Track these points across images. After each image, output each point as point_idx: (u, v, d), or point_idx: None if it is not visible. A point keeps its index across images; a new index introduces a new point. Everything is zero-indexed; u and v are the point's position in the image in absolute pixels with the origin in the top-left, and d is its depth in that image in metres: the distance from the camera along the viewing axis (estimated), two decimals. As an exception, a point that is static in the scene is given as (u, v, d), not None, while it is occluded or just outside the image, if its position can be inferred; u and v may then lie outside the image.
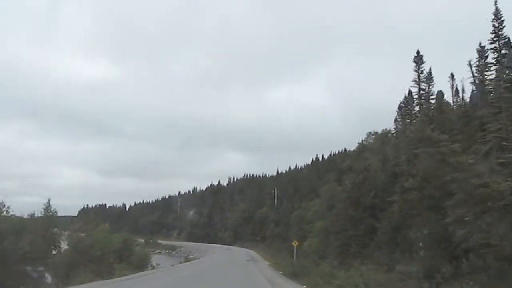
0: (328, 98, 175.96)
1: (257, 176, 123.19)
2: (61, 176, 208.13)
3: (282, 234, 73.29)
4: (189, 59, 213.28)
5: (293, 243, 41.00)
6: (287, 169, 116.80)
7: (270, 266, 42.50)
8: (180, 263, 53.49)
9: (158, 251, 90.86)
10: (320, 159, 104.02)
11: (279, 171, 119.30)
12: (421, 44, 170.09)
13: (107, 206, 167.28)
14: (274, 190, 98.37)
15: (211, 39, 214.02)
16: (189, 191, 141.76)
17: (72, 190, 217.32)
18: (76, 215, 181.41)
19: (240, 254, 64.48)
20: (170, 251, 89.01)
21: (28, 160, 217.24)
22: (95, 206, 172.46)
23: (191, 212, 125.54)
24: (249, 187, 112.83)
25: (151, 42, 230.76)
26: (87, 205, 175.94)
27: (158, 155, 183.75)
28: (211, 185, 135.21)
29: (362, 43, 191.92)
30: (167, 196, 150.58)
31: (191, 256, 72.70)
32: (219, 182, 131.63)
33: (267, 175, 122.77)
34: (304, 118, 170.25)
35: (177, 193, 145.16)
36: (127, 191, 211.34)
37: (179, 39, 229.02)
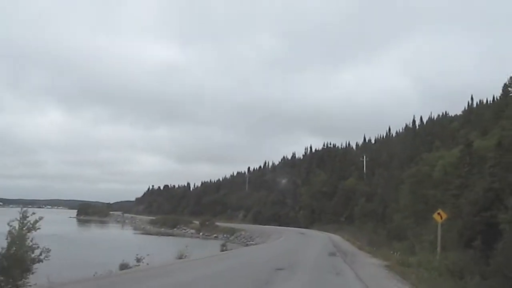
0: (403, 78, 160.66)
1: (339, 147, 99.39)
2: (137, 162, 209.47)
3: (377, 211, 50.76)
4: (259, 40, 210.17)
5: (437, 217, 17.73)
6: (377, 136, 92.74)
7: (389, 269, 18.22)
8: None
9: (214, 235, 72.54)
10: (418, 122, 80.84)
11: (366, 138, 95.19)
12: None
13: (171, 186, 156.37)
14: (363, 157, 75.17)
15: (281, 20, 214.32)
16: (260, 167, 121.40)
17: (147, 177, 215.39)
18: (141, 195, 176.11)
19: (317, 240, 42.73)
20: (229, 236, 69.15)
21: (104, 146, 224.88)
22: (159, 187, 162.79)
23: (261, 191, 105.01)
24: (329, 158, 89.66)
25: (220, 24, 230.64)
26: (152, 186, 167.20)
27: (230, 139, 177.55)
28: (283, 159, 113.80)
29: (439, 20, 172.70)
30: (235, 173, 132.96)
31: (251, 243, 53.99)
32: (293, 154, 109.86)
33: (351, 145, 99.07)
34: (378, 99, 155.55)
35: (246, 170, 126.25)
36: (201, 176, 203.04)
37: (248, 20, 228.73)
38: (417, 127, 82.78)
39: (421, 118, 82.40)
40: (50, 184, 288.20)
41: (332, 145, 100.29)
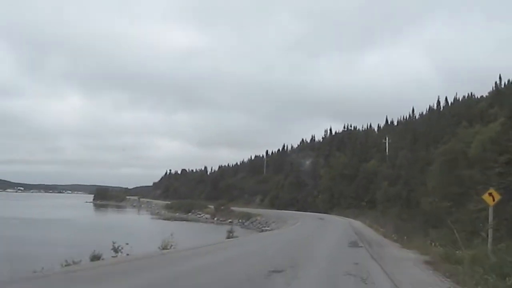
0: (427, 60, 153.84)
1: (360, 130, 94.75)
2: (157, 147, 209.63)
3: (401, 195, 46.94)
4: (280, 24, 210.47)
5: (488, 198, 13.71)
6: (399, 118, 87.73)
7: (433, 268, 12.35)
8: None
9: (229, 220, 69.65)
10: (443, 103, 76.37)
11: (388, 120, 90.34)
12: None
13: (188, 171, 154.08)
14: (385, 139, 70.95)
15: (301, 2, 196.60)
16: (278, 150, 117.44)
17: (168, 161, 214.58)
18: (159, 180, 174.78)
19: (337, 226, 39.03)
20: (244, 221, 66.26)
21: (124, 131, 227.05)
22: (176, 172, 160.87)
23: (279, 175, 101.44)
24: (350, 141, 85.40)
25: (240, 6, 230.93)
26: (170, 170, 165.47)
27: (250, 124, 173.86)
28: (302, 142, 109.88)
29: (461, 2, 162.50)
30: (253, 157, 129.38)
31: (266, 228, 51.10)
32: (312, 137, 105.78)
33: (372, 127, 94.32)
34: (401, 82, 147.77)
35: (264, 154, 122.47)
36: (221, 161, 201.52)
37: (267, 2, 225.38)
38: (442, 108, 78.01)
39: (446, 98, 77.63)
40: (70, 170, 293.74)
41: (352, 128, 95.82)
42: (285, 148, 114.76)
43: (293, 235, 28.20)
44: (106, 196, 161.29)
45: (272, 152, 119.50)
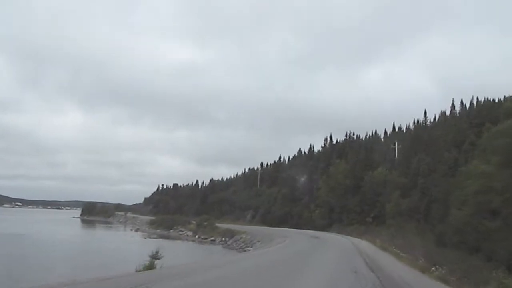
0: (426, 77, 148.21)
1: (363, 138, 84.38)
2: (157, 164, 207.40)
3: (418, 207, 36.86)
4: (279, 40, 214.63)
5: None
6: (408, 124, 77.67)
7: None
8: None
9: (211, 238, 60.21)
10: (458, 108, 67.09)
11: (396, 127, 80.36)
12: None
13: (180, 185, 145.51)
14: (394, 144, 61.16)
15: (300, 19, 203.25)
16: (274, 162, 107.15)
17: (168, 178, 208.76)
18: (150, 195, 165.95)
19: (336, 248, 28.56)
20: (227, 239, 56.28)
21: (125, 148, 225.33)
22: (167, 187, 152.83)
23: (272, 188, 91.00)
24: (352, 150, 75.06)
25: (239, 23, 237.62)
26: (162, 185, 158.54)
27: (250, 141, 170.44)
28: (299, 152, 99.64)
29: (463, 17, 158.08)
30: (246, 170, 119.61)
31: (249, 248, 42.80)
32: (311, 147, 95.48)
33: (378, 133, 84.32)
34: (401, 100, 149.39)
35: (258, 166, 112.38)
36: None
37: (267, 19, 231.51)
38: (457, 113, 68.24)
39: (461, 101, 67.73)
40: (70, 186, 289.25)
41: (355, 136, 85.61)
42: (281, 159, 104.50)
43: (266, 265, 17.87)
44: (93, 212, 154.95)
45: (267, 164, 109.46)
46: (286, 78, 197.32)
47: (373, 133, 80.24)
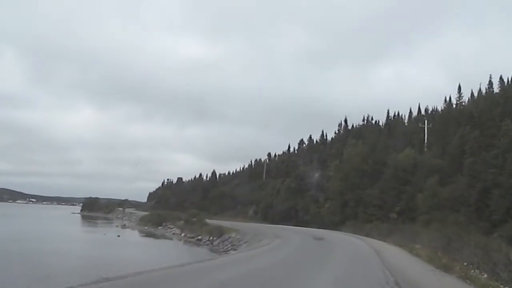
0: (440, 74, 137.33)
1: (383, 123, 71.96)
2: (171, 161, 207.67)
3: (466, 199, 24.55)
4: (290, 36, 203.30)
5: None
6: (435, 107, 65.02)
7: None
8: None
9: (198, 237, 49.40)
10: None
11: (422, 109, 67.86)
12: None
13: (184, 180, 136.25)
14: (423, 124, 49.24)
15: (313, 16, 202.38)
16: (282, 152, 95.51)
17: (182, 175, 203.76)
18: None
19: (343, 263, 16.41)
20: (214, 238, 45.42)
21: (138, 145, 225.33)
22: (171, 181, 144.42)
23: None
24: (371, 134, 63.08)
25: (250, 19, 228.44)
26: (167, 180, 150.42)
27: (262, 138, 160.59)
28: (309, 140, 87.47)
29: (477, 12, 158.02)
30: (253, 162, 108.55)
31: (232, 251, 32.77)
32: (323, 133, 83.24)
33: (401, 116, 71.88)
34: (415, 97, 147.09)
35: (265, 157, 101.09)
36: None
37: (279, 15, 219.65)
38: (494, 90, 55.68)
39: (501, 77, 55.12)
40: (85, 183, 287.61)
41: (374, 121, 73.48)
42: (290, 149, 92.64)
43: None
44: (94, 207, 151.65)
45: (275, 155, 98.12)
46: (298, 75, 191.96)
47: (396, 114, 67.73)
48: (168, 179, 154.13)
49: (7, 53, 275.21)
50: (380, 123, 72.10)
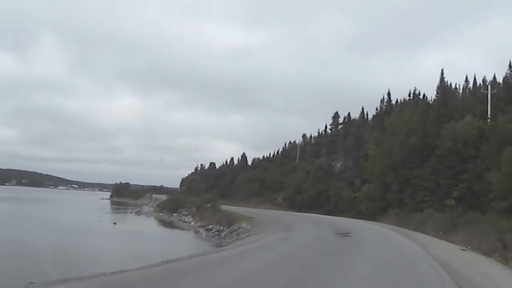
0: (486, 62, 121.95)
1: (432, 98, 60.62)
2: (212, 149, 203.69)
3: None
4: (333, 22, 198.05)
5: None
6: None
7: None
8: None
9: (209, 226, 41.10)
10: None
11: (477, 81, 56.41)
12: None
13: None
14: (486, 88, 38.75)
15: (353, 0, 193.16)
16: (318, 133, 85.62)
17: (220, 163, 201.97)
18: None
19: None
20: (224, 228, 37.51)
21: (180, 132, 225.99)
22: (203, 166, 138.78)
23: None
24: (416, 107, 52.38)
25: (289, 5, 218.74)
26: (201, 165, 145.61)
27: (303, 126, 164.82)
28: (347, 117, 77.09)
29: None
30: (287, 144, 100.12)
31: (230, 244, 26.50)
32: (362, 110, 72.67)
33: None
34: (460, 84, 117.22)
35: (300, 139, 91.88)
36: None
37: (319, 0, 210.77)
38: None
39: None
40: (128, 169, 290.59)
41: (421, 95, 62.40)
42: (327, 129, 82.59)
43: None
44: (123, 193, 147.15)
45: (310, 136, 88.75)
46: (339, 62, 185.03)
47: (448, 84, 56.46)
48: (201, 165, 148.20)
49: (50, 42, 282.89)
50: (429, 98, 61.42)
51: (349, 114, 72.13)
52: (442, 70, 57.76)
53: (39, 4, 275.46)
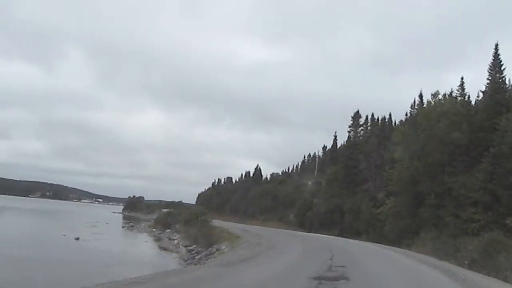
0: None
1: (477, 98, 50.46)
2: (236, 166, 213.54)
3: None
4: (355, 39, 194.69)
5: None
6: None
7: None
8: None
9: (193, 245, 33.75)
10: None
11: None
12: None
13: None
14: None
15: (378, 17, 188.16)
16: (335, 143, 76.12)
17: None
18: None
19: None
20: (201, 250, 28.85)
21: (203, 149, 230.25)
22: (220, 181, 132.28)
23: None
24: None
25: (313, 21, 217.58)
26: (218, 179, 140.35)
27: (326, 143, 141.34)
28: (371, 117, 67.03)
29: None
30: (306, 157, 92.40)
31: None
32: (390, 115, 62.75)
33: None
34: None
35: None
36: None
37: (342, 17, 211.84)
38: None
39: None
40: (153, 185, 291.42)
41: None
42: (350, 138, 72.86)
43: None
44: (136, 207, 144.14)
45: (329, 148, 79.34)
46: (363, 79, 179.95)
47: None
48: (218, 179, 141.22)
49: (76, 56, 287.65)
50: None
51: (372, 114, 62.73)
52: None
53: (65, 18, 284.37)
